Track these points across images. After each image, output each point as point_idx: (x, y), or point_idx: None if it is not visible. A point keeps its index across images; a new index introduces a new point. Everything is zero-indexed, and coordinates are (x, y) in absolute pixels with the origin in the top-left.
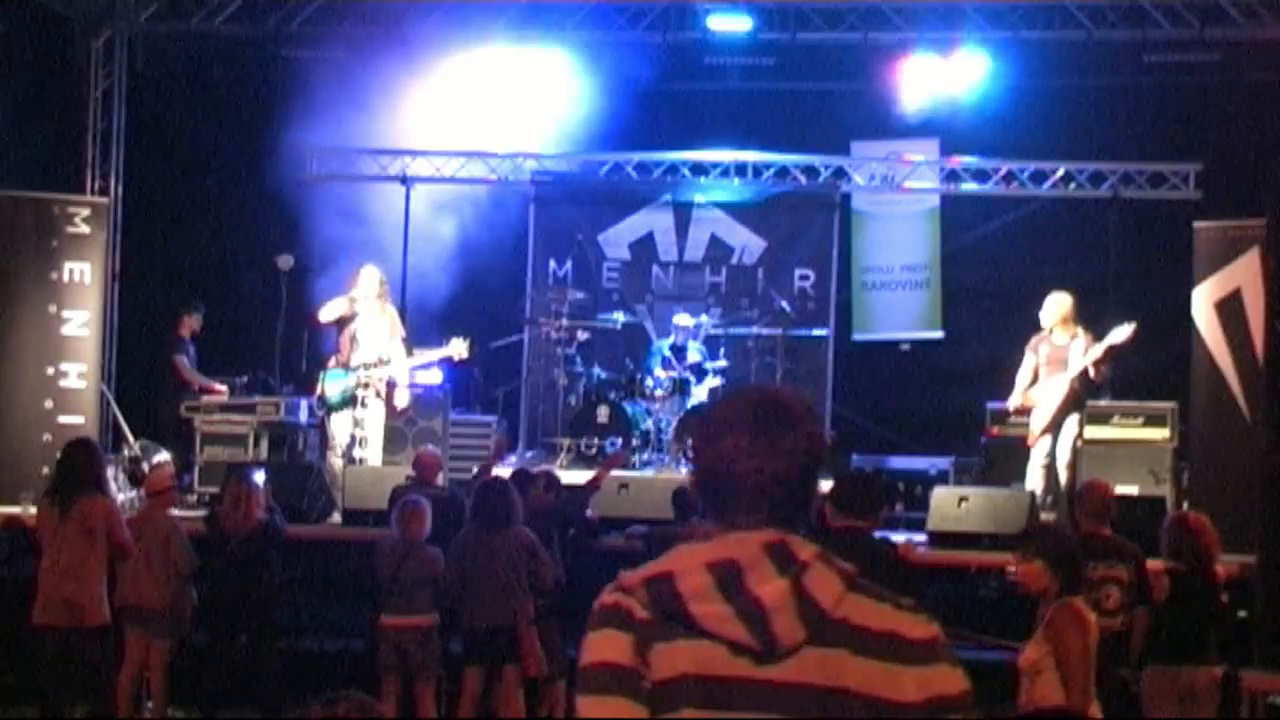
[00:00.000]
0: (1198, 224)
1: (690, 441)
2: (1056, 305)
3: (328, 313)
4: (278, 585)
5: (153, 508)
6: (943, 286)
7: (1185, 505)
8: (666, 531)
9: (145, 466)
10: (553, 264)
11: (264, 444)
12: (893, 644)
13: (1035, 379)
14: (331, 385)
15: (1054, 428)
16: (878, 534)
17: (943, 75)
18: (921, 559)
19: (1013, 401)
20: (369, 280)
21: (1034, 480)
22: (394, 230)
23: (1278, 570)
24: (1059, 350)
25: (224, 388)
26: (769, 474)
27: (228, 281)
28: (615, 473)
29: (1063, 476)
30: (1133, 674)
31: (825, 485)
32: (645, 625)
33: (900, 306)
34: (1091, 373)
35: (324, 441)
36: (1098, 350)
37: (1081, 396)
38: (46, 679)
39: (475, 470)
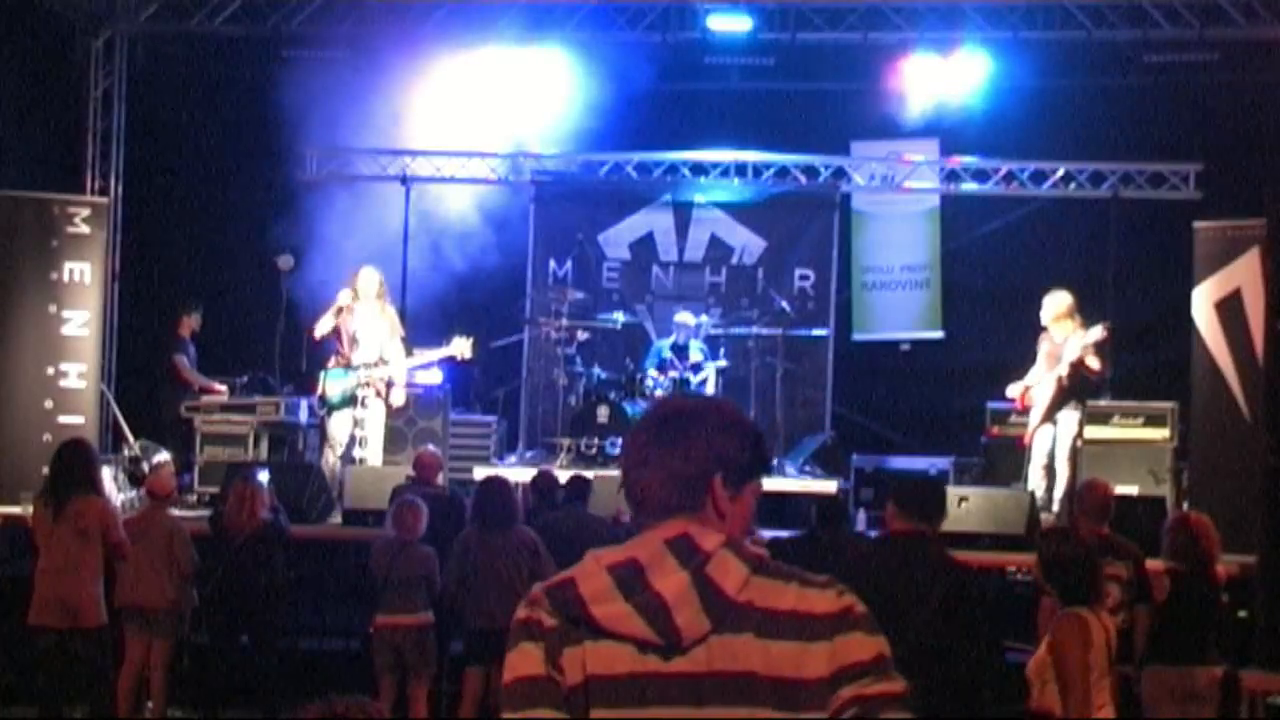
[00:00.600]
0: (1198, 224)
1: None
2: (1053, 303)
3: (321, 328)
4: (282, 586)
5: (154, 508)
6: (943, 286)
7: (1185, 505)
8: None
9: (145, 466)
10: (553, 264)
11: (264, 444)
12: (800, 622)
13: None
14: (332, 385)
15: (1048, 423)
16: (873, 534)
17: (943, 75)
18: None
19: (1011, 389)
20: (368, 281)
21: (1035, 480)
22: (394, 230)
23: (1278, 570)
24: (1056, 348)
25: (224, 388)
26: (669, 475)
27: (228, 281)
28: (615, 473)
29: (1062, 475)
30: (1135, 673)
31: (827, 486)
32: (553, 632)
33: (900, 306)
34: (1083, 369)
35: (323, 441)
36: (1075, 352)
37: (1072, 393)
38: (43, 679)
39: None
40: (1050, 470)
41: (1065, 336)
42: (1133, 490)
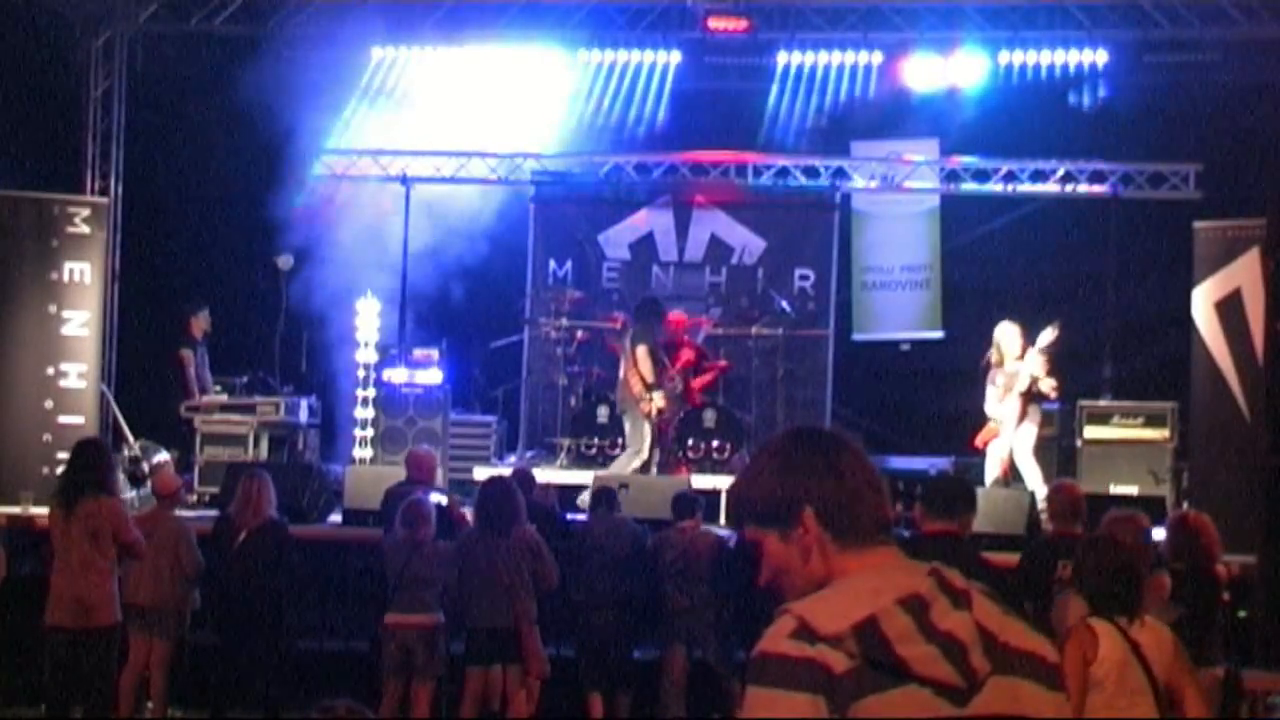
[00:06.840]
0: (1198, 224)
1: (815, 467)
2: (1016, 334)
3: None
4: (287, 584)
5: (161, 509)
6: (943, 286)
7: (1185, 505)
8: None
9: (145, 466)
10: (553, 264)
11: (264, 444)
12: (1041, 666)
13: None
14: None
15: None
16: None
17: (943, 75)
18: None
19: (982, 438)
20: None
21: (991, 466)
22: (394, 230)
23: (1278, 570)
24: (1010, 378)
25: (218, 399)
26: (886, 494)
27: (228, 281)
28: (616, 473)
29: (1031, 474)
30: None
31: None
32: (846, 679)
33: (900, 306)
34: (1042, 386)
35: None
36: (1035, 362)
37: (1028, 406)
38: (53, 679)
39: None
40: (1013, 472)
41: (1016, 360)
42: (1133, 490)
